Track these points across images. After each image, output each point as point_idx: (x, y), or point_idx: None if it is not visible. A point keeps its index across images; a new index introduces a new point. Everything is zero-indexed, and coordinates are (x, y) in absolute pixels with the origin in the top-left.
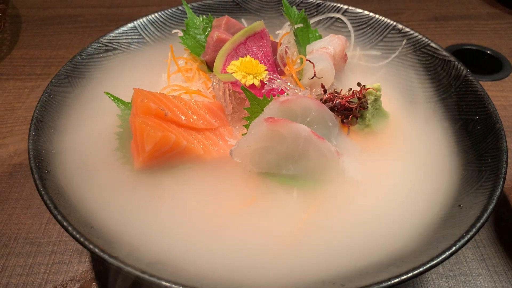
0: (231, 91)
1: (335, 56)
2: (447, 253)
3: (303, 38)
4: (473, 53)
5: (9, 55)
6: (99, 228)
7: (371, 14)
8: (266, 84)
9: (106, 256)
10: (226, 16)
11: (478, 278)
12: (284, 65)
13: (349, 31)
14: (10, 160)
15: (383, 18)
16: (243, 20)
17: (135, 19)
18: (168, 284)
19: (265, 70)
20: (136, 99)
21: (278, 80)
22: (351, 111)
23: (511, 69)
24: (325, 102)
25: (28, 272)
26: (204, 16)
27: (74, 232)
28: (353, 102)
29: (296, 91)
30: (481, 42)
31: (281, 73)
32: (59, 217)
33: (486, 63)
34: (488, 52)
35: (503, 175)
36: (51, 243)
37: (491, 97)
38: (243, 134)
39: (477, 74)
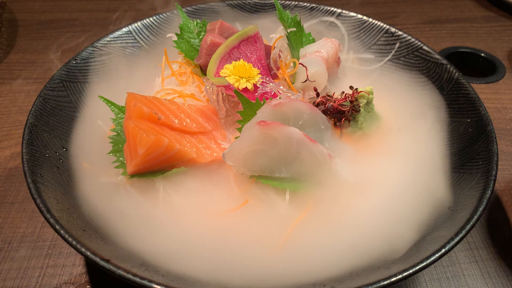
0: (224, 94)
1: (328, 60)
2: (436, 255)
3: (296, 42)
4: (468, 56)
5: (6, 59)
6: (92, 231)
7: (364, 17)
8: (259, 87)
9: (97, 259)
10: (220, 20)
11: (470, 280)
12: (277, 68)
13: (343, 35)
14: (6, 164)
15: (376, 22)
16: (237, 24)
17: (130, 23)
18: (159, 287)
19: (258, 73)
20: (129, 103)
21: (271, 84)
22: (343, 114)
23: (505, 72)
24: (317, 105)
25: (23, 276)
26: (198, 20)
27: (66, 236)
28: (345, 105)
29: (289, 94)
30: (475, 44)
31: (274, 76)
32: (51, 220)
33: (481, 66)
34: (483, 54)
35: (493, 177)
36: (45, 246)
37: (485, 100)
38: (236, 138)
39: (472, 76)
